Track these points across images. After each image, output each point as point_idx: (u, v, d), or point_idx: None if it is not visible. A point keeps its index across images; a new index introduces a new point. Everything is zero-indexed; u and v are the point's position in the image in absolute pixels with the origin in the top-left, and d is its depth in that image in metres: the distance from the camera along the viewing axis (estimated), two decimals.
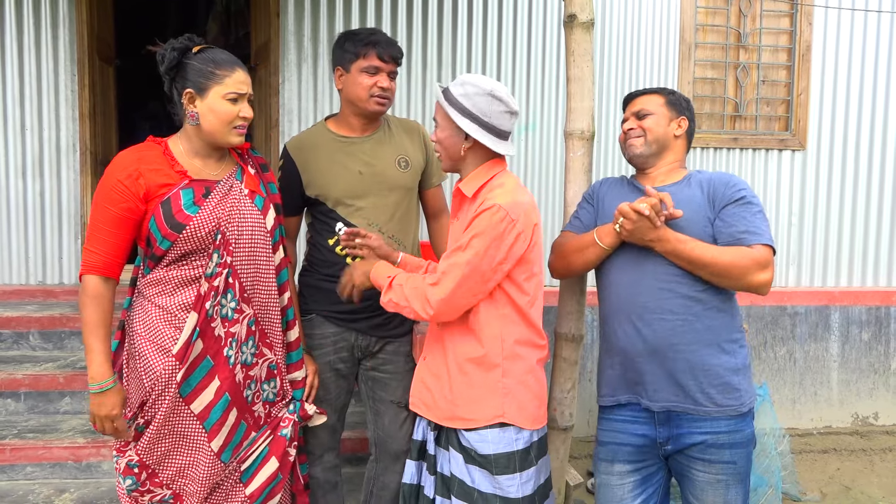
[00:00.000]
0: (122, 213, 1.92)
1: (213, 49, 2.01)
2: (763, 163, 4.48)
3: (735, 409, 1.94)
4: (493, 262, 1.87)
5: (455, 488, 1.96)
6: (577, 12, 2.43)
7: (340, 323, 2.34)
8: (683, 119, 2.11)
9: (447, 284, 1.87)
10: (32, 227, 4.17)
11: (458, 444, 1.97)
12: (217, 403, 1.99)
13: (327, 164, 2.31)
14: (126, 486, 1.99)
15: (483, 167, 1.98)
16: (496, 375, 1.94)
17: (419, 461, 2.11)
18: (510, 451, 1.94)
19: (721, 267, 1.89)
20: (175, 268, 1.96)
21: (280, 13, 4.14)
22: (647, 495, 2.06)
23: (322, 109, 4.15)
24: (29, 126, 4.13)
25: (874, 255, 4.58)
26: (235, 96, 1.95)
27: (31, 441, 3.06)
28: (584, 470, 3.71)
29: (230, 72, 1.95)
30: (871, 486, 3.69)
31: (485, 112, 1.92)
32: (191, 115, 1.96)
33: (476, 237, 1.86)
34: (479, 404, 1.94)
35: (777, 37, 4.49)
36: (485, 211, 1.86)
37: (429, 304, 1.89)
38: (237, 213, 2.01)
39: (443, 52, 4.23)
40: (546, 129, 4.33)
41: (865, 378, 4.53)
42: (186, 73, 1.96)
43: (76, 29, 4.15)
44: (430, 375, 2.04)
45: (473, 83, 1.93)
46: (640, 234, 1.91)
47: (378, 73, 2.27)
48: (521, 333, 1.97)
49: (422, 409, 2.07)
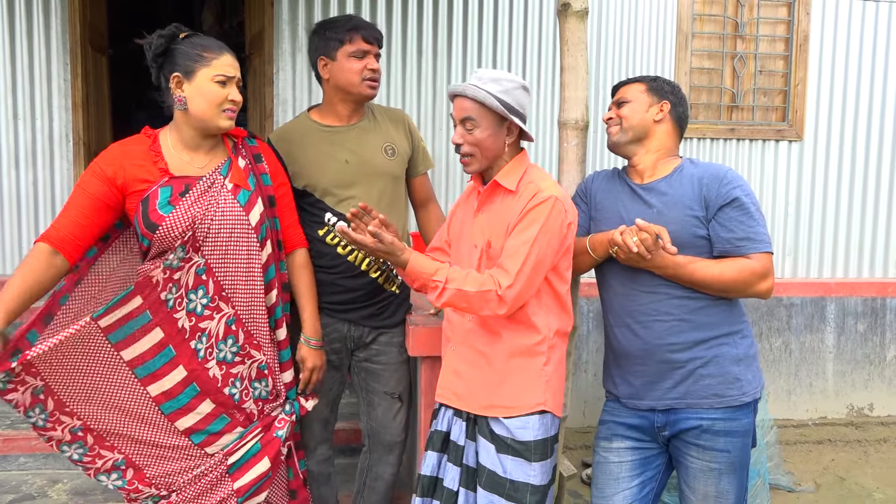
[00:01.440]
0: (95, 197, 1.94)
1: (199, 35, 2.00)
2: (760, 153, 4.46)
3: (736, 398, 1.94)
4: (553, 253, 1.89)
5: (483, 479, 1.94)
6: (571, 1, 2.41)
7: (333, 314, 2.34)
8: (665, 103, 2.06)
9: (521, 280, 1.84)
10: (25, 218, 4.15)
11: (489, 434, 1.95)
12: (182, 392, 2.02)
13: (313, 154, 2.30)
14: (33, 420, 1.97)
15: (516, 159, 1.99)
16: (540, 363, 1.95)
17: (440, 453, 2.07)
18: (546, 438, 1.95)
19: (723, 285, 1.91)
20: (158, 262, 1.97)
21: (274, 2, 4.11)
22: (646, 479, 2.05)
23: (317, 99, 4.10)
24: (21, 116, 4.10)
25: (870, 246, 4.58)
26: (224, 79, 1.94)
27: (24, 431, 3.05)
28: (579, 461, 3.72)
29: (218, 55, 1.95)
30: (865, 476, 3.70)
31: (522, 105, 1.96)
32: (178, 99, 1.95)
33: (539, 231, 1.85)
34: (524, 392, 1.94)
35: (774, 27, 4.47)
36: (541, 203, 1.86)
37: (503, 303, 1.84)
38: (214, 210, 1.99)
39: (438, 41, 4.19)
40: (542, 119, 4.30)
41: (861, 369, 4.53)
42: (174, 57, 1.95)
43: (68, 18, 4.11)
44: (465, 364, 2.01)
45: (508, 79, 1.94)
46: (634, 263, 1.91)
47: (366, 56, 2.26)
48: (562, 323, 1.99)
49: (452, 399, 2.03)
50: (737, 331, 1.98)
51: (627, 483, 2.04)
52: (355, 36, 2.24)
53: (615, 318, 2.05)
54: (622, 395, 2.06)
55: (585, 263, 2.07)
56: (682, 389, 1.95)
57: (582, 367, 4.23)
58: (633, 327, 1.99)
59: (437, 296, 1.88)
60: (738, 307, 2.02)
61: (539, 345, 1.94)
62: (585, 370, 4.24)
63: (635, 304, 1.98)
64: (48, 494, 2.86)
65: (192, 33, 2.00)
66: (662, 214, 1.95)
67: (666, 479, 2.11)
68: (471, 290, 1.84)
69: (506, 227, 1.92)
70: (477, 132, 1.93)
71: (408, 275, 1.92)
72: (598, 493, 2.09)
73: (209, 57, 1.93)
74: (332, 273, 2.30)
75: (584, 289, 2.51)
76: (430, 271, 1.88)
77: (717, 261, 1.93)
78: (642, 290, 1.97)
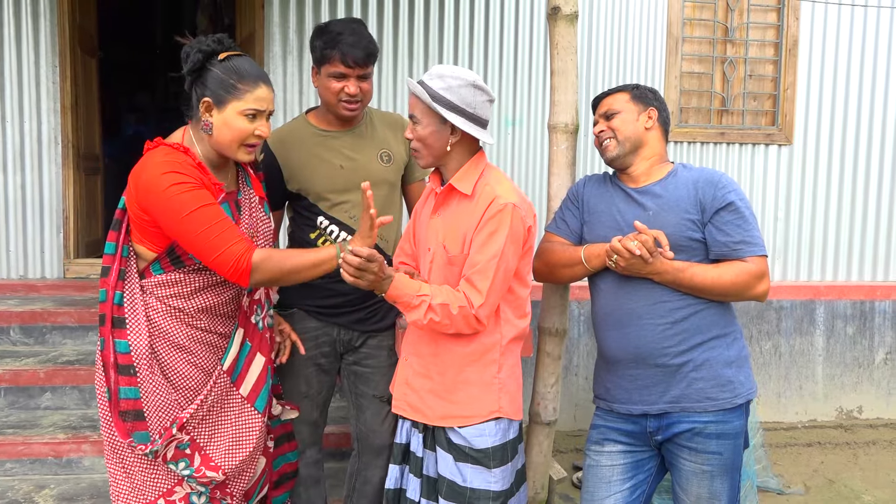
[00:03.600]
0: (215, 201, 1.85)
1: (240, 58, 1.89)
2: (749, 157, 4.49)
3: (729, 401, 1.95)
4: (517, 260, 1.90)
5: (444, 489, 1.94)
6: (560, 5, 2.42)
7: (322, 317, 2.32)
8: (652, 110, 2.07)
9: (491, 296, 1.84)
10: (13, 221, 4.13)
11: (446, 444, 1.95)
12: (263, 387, 2.04)
13: (308, 158, 2.28)
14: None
15: (471, 162, 1.95)
16: (493, 372, 1.94)
17: (402, 465, 2.09)
18: (504, 443, 1.95)
19: (722, 288, 1.91)
20: (196, 274, 1.91)
21: (265, 4, 4.10)
22: (637, 482, 2.05)
23: (308, 102, 4.12)
24: (9, 118, 4.08)
25: (859, 249, 4.61)
26: (254, 112, 1.86)
27: (10, 437, 3.03)
28: (569, 464, 3.72)
29: (252, 87, 1.86)
30: (854, 479, 3.71)
31: (470, 104, 1.88)
32: (205, 123, 1.88)
33: (504, 243, 1.84)
34: (478, 401, 1.93)
35: (764, 31, 4.50)
36: (500, 212, 1.85)
37: (477, 321, 1.86)
38: (258, 226, 2.01)
39: (429, 44, 4.20)
40: (532, 123, 4.31)
41: (850, 372, 4.56)
42: (207, 80, 1.86)
43: (57, 20, 4.10)
44: (417, 376, 2.00)
45: (455, 75, 1.88)
46: (635, 269, 1.91)
47: (345, 79, 2.19)
48: (515, 330, 1.98)
49: (407, 411, 2.03)
50: (727, 333, 1.99)
51: (619, 486, 2.04)
52: (334, 57, 2.16)
53: (606, 323, 2.05)
54: (614, 399, 2.05)
55: (581, 273, 2.07)
56: (675, 393, 1.95)
57: (573, 370, 4.23)
58: (625, 332, 1.99)
59: (424, 312, 1.84)
60: (730, 310, 2.03)
61: (491, 352, 1.94)
62: (576, 374, 4.24)
63: (626, 308, 1.98)
64: (35, 500, 2.83)
65: (232, 54, 1.89)
66: (658, 216, 1.96)
67: (657, 482, 2.11)
68: (453, 307, 1.83)
69: (462, 232, 1.90)
70: (419, 128, 1.91)
71: (391, 295, 1.86)
72: (589, 497, 2.09)
73: (243, 89, 1.85)
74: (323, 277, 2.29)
75: (575, 291, 2.51)
76: (415, 287, 1.85)
77: (714, 265, 1.93)
78: (634, 295, 1.97)
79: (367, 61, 2.21)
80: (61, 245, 4.20)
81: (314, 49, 2.23)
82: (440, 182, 2.01)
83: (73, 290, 4.03)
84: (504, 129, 4.27)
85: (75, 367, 3.32)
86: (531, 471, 2.53)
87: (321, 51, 2.20)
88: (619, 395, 2.04)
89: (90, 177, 4.57)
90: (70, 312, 3.66)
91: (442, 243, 1.94)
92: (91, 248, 4.48)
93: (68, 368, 3.31)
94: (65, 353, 3.52)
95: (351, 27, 2.20)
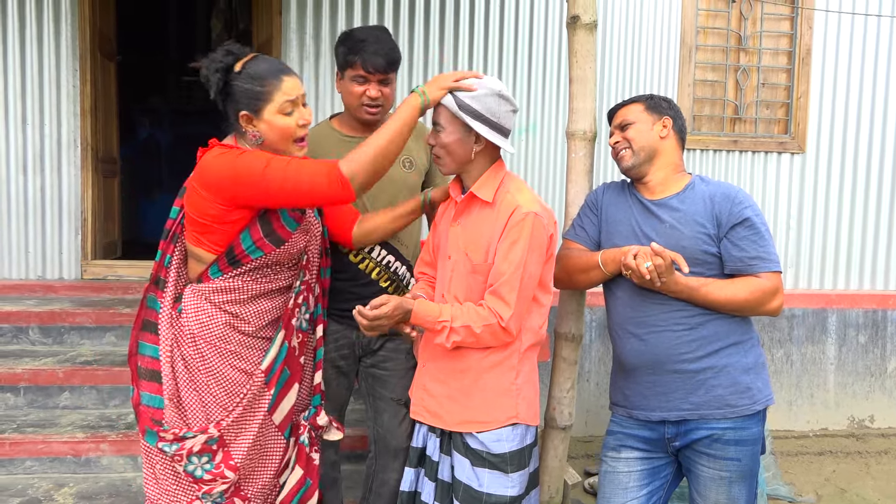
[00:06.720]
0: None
1: (253, 61, 1.91)
2: (762, 165, 4.50)
3: (748, 407, 1.96)
4: (541, 268, 1.92)
5: (460, 494, 1.95)
6: (580, 13, 2.44)
7: (341, 320, 2.35)
8: (667, 119, 2.09)
9: (519, 306, 1.87)
10: (32, 222, 4.18)
11: (463, 448, 1.96)
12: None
13: None
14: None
15: (492, 170, 1.98)
16: (511, 378, 1.96)
17: (417, 468, 2.11)
18: (521, 448, 1.96)
19: (737, 304, 1.94)
20: (251, 278, 1.94)
21: (282, 11, 4.15)
22: (653, 488, 2.06)
23: (324, 108, 4.15)
24: (30, 121, 4.14)
25: (871, 258, 4.61)
26: (289, 107, 1.90)
27: (30, 435, 3.06)
28: (581, 470, 3.72)
29: (276, 83, 1.88)
30: (866, 488, 3.71)
31: (494, 113, 1.90)
32: (253, 135, 1.92)
33: (527, 252, 1.87)
34: (495, 406, 1.95)
35: (777, 40, 4.51)
36: (522, 220, 1.87)
37: (506, 332, 1.88)
38: (313, 229, 2.05)
39: (444, 51, 4.23)
40: (547, 130, 4.34)
41: (862, 381, 4.55)
42: (236, 95, 1.89)
43: (78, 24, 4.16)
44: (435, 382, 2.02)
45: (481, 84, 1.91)
46: (649, 285, 1.92)
47: (367, 83, 2.23)
48: (535, 336, 1.99)
49: (425, 416, 2.05)
50: (745, 339, 2.00)
51: (635, 493, 2.05)
52: (356, 61, 2.21)
53: (623, 329, 2.06)
54: (633, 406, 2.06)
55: (598, 277, 2.08)
56: (694, 400, 1.96)
57: (585, 376, 4.24)
58: (643, 338, 2.00)
59: (446, 336, 1.88)
60: (747, 317, 2.04)
61: (510, 359, 1.95)
62: (588, 379, 4.26)
63: (644, 314, 2.00)
64: (54, 498, 2.87)
65: (246, 62, 1.90)
66: (674, 229, 1.98)
67: (673, 489, 2.12)
68: (476, 326, 1.86)
69: (485, 240, 1.92)
70: (443, 135, 1.93)
71: (414, 323, 1.92)
72: (606, 503, 2.10)
73: (269, 90, 1.87)
74: (343, 280, 2.32)
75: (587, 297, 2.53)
76: (436, 312, 1.88)
77: (728, 281, 1.95)
78: (651, 301, 1.99)
79: (389, 69, 2.24)
80: (79, 246, 4.25)
81: (338, 55, 2.27)
82: (461, 190, 2.03)
83: (90, 291, 4.09)
84: (518, 137, 4.29)
85: (93, 367, 3.36)
86: (546, 475, 2.55)
87: (344, 56, 2.24)
88: (637, 402, 2.05)
89: (108, 179, 4.62)
90: (88, 313, 3.70)
91: (464, 251, 1.96)
92: (108, 250, 4.53)
93: (86, 368, 3.35)
94: (83, 353, 3.56)
95: (375, 34, 2.24)
